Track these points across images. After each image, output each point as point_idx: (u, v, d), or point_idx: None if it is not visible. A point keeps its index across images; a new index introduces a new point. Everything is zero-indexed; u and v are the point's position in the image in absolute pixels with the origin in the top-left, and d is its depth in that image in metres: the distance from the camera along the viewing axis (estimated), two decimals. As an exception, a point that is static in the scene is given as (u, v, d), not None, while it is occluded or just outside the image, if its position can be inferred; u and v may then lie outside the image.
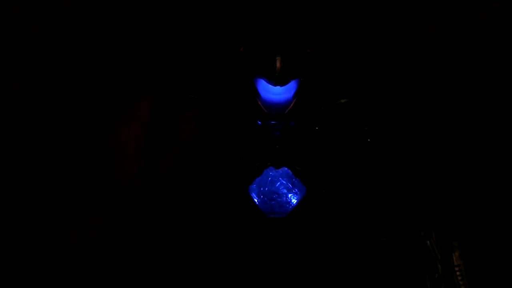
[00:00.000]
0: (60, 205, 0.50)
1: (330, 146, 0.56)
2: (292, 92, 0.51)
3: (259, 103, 0.52)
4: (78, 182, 0.46)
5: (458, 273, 0.56)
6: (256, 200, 0.53)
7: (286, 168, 0.54)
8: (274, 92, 0.51)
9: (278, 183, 0.54)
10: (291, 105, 0.52)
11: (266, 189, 0.53)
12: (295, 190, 0.54)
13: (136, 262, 0.43)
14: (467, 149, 0.65)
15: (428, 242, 0.58)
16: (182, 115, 0.45)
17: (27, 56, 0.64)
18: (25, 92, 0.63)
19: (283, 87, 0.50)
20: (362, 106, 0.58)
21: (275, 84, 0.49)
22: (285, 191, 0.54)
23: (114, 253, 0.40)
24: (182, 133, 0.44)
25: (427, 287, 0.57)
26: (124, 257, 0.41)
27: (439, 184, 0.63)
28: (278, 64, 0.49)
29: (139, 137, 0.42)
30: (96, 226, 0.40)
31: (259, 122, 0.53)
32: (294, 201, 0.54)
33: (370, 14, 0.64)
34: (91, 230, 0.40)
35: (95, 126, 0.60)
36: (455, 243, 0.57)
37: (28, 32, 0.63)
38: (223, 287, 0.56)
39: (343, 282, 0.58)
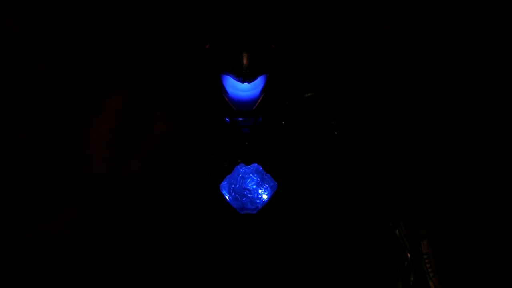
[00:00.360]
0: (31, 200, 0.49)
1: (298, 141, 0.56)
2: (260, 88, 0.51)
3: (227, 100, 0.52)
4: (49, 176, 0.45)
5: (426, 260, 0.57)
6: (227, 197, 0.53)
7: (256, 164, 0.54)
8: (241, 89, 0.51)
9: (249, 180, 0.54)
10: (259, 101, 0.52)
11: (237, 185, 0.53)
12: (265, 186, 0.54)
13: (109, 256, 0.43)
14: (432, 140, 0.67)
15: (396, 231, 0.59)
16: (154, 113, 0.45)
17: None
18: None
19: (250, 84, 0.50)
20: (328, 100, 0.58)
21: (242, 80, 0.49)
22: (256, 187, 0.54)
23: (86, 247, 0.40)
24: (153, 131, 0.44)
25: (397, 275, 0.58)
26: (97, 251, 0.41)
27: (406, 174, 0.65)
28: (245, 61, 0.49)
29: (109, 134, 0.42)
30: (66, 220, 0.39)
31: (227, 119, 0.53)
32: (265, 196, 0.54)
33: (340, 9, 0.65)
34: (62, 224, 0.39)
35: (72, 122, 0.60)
36: (423, 231, 0.58)
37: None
38: (197, 282, 0.56)
39: (314, 274, 0.59)
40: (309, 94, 0.58)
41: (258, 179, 0.54)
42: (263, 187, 0.54)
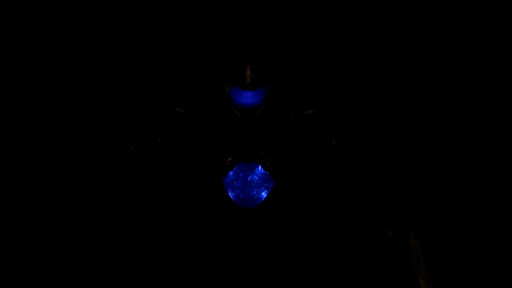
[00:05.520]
0: None
1: (298, 145, 0.61)
2: (261, 97, 0.58)
3: (232, 107, 0.58)
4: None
5: (414, 254, 0.60)
6: (229, 192, 0.59)
7: (256, 163, 0.59)
8: (245, 96, 0.57)
9: (250, 177, 0.59)
10: (260, 109, 0.58)
11: (239, 182, 0.59)
12: (265, 184, 0.59)
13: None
14: (420, 148, 0.70)
15: (389, 231, 0.62)
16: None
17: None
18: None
19: (252, 92, 0.57)
20: (328, 115, 0.63)
21: (245, 88, 0.56)
22: (255, 183, 0.59)
23: None
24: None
25: (389, 272, 0.61)
26: None
27: (398, 178, 0.68)
28: (248, 72, 0.56)
29: None
30: None
31: (232, 124, 0.59)
32: (263, 194, 0.59)
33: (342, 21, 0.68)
34: None
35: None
36: (412, 228, 0.61)
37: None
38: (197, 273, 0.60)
39: (310, 273, 0.62)
40: (311, 111, 0.63)
41: (258, 176, 0.59)
42: (262, 184, 0.59)
